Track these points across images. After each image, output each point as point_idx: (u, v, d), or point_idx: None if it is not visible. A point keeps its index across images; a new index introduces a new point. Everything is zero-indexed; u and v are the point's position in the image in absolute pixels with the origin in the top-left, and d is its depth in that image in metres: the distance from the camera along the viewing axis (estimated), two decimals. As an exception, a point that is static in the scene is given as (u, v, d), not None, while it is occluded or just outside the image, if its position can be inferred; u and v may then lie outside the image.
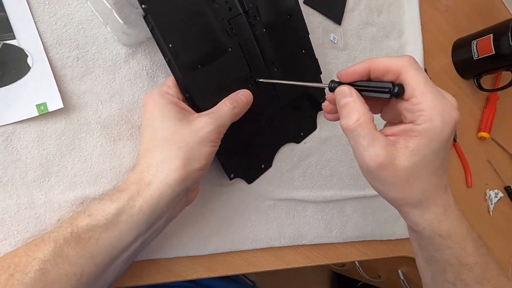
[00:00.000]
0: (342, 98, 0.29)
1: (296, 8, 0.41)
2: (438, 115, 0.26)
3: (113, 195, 0.28)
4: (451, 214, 0.30)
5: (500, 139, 0.73)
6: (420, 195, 0.29)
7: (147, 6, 0.30)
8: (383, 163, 0.27)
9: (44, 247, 0.25)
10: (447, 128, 0.26)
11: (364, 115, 0.27)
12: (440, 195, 0.30)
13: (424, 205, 0.29)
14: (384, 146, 0.27)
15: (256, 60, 0.38)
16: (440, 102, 0.26)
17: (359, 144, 0.27)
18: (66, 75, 0.33)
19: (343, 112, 0.28)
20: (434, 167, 0.28)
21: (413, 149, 0.27)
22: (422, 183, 0.28)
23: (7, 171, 0.31)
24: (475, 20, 0.73)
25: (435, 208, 0.29)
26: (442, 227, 0.30)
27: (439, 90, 0.28)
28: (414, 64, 0.27)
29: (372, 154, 0.27)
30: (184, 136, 0.30)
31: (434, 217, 0.30)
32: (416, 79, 0.27)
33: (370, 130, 0.27)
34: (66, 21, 0.34)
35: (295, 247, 0.46)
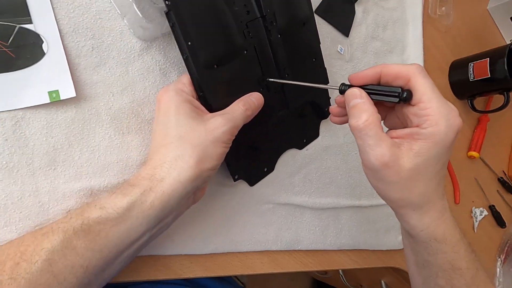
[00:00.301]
0: (352, 99, 0.30)
1: (311, 17, 0.42)
2: (443, 120, 0.28)
3: (125, 189, 0.28)
4: (447, 219, 0.32)
5: (488, 159, 0.76)
6: (420, 197, 0.30)
7: (171, 3, 0.30)
8: (387, 163, 0.28)
9: (52, 237, 0.25)
10: (451, 133, 0.28)
11: (372, 116, 0.28)
12: (438, 200, 0.31)
13: (424, 208, 0.30)
14: (390, 146, 0.28)
15: (269, 64, 0.39)
16: (446, 108, 0.28)
17: (366, 143, 0.29)
18: (80, 64, 0.33)
19: (352, 112, 0.29)
20: (435, 171, 0.29)
21: (417, 151, 0.28)
22: (422, 186, 0.29)
23: (14, 157, 0.30)
24: (471, 44, 0.75)
25: (433, 212, 0.31)
26: (438, 231, 0.31)
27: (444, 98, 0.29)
28: (423, 72, 0.29)
29: (378, 154, 0.28)
30: (199, 135, 0.30)
31: (431, 220, 0.31)
32: (424, 86, 0.28)
33: (378, 131, 0.28)
34: (84, 10, 0.33)
35: (291, 252, 0.47)
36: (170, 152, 0.29)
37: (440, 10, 0.67)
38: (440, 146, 0.28)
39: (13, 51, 0.30)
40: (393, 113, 0.33)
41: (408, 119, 0.30)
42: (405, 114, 0.30)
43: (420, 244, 0.33)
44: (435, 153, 0.28)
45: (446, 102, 0.29)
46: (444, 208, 0.31)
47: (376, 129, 0.28)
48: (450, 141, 0.28)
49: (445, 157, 0.29)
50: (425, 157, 0.28)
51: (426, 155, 0.28)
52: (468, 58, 0.69)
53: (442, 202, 0.31)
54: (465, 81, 0.68)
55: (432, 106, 0.28)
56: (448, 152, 0.29)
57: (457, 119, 0.28)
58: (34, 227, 0.30)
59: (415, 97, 0.28)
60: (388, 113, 0.34)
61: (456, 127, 0.28)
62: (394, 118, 0.33)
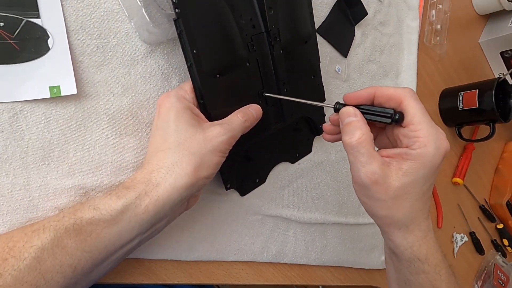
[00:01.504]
0: (346, 117, 0.31)
1: (313, 35, 0.43)
2: (432, 142, 0.29)
3: (120, 191, 0.28)
4: (430, 239, 0.33)
5: (471, 187, 0.78)
6: (406, 216, 0.31)
7: (180, 11, 0.31)
8: (377, 180, 0.29)
9: (43, 234, 0.25)
10: (438, 155, 0.29)
11: (366, 134, 0.29)
12: (423, 220, 0.32)
13: (409, 228, 0.31)
14: (380, 164, 0.29)
15: (270, 78, 0.39)
16: (434, 131, 0.29)
17: (357, 160, 0.29)
18: (84, 62, 0.33)
19: (346, 129, 0.30)
20: (421, 191, 0.30)
21: (405, 170, 0.29)
22: (409, 205, 0.30)
23: (8, 149, 0.30)
24: (462, 74, 0.78)
25: (417, 232, 0.32)
26: (421, 250, 0.32)
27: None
28: (415, 95, 0.30)
29: (369, 171, 0.29)
30: (197, 143, 0.30)
31: (415, 240, 0.32)
32: (415, 109, 0.30)
33: (369, 149, 0.29)
34: (92, 9, 0.34)
35: (276, 265, 0.47)
36: (167, 157, 0.29)
37: (434, 40, 0.70)
38: (427, 167, 0.29)
39: (18, 44, 0.30)
40: (384, 133, 0.35)
41: (398, 139, 0.31)
42: (395, 134, 0.32)
43: (403, 263, 0.33)
44: (422, 174, 0.29)
45: (435, 126, 0.30)
46: (428, 228, 0.32)
47: (368, 147, 0.29)
48: (438, 163, 0.29)
49: (432, 178, 0.30)
50: (413, 177, 0.29)
51: (414, 175, 0.29)
52: (458, 88, 0.71)
53: (427, 222, 0.32)
54: (454, 109, 0.70)
55: (421, 128, 0.29)
56: (434, 173, 0.30)
57: (445, 142, 0.30)
58: (23, 222, 0.30)
59: (406, 119, 0.30)
60: (379, 133, 0.35)
61: (444, 150, 0.29)
62: (384, 139, 0.35)
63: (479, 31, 0.85)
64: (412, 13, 0.64)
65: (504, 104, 0.69)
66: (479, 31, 0.85)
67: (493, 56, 0.84)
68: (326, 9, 0.52)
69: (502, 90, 0.69)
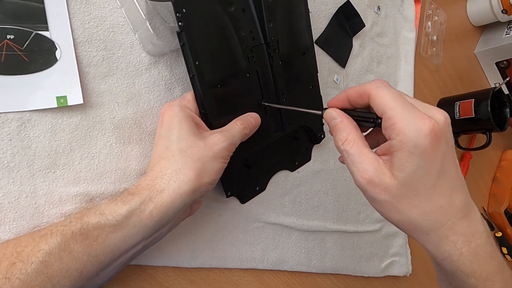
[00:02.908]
0: (330, 121, 0.30)
1: (311, 47, 0.44)
2: (409, 126, 0.25)
3: (125, 197, 0.29)
4: (477, 247, 0.27)
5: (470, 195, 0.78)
6: (424, 217, 0.27)
7: (183, 24, 0.32)
8: (371, 179, 0.27)
9: (51, 239, 0.25)
10: (423, 137, 0.25)
11: (351, 134, 0.28)
12: (457, 221, 0.26)
13: (439, 232, 0.27)
14: (372, 162, 0.27)
15: (269, 88, 0.41)
16: (409, 113, 0.26)
17: (349, 161, 0.28)
18: (90, 72, 0.34)
19: (334, 133, 0.30)
20: (429, 184, 0.26)
21: (397, 164, 0.26)
22: (420, 203, 0.26)
23: (16, 157, 0.31)
24: (458, 83, 0.80)
25: (454, 237, 0.27)
26: (464, 261, 0.27)
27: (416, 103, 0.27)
28: (383, 84, 0.28)
29: (360, 170, 0.27)
30: (199, 150, 0.31)
31: (453, 248, 0.27)
32: (385, 97, 0.27)
33: (359, 147, 0.28)
34: (99, 22, 0.35)
35: (276, 272, 0.47)
36: (171, 164, 0.30)
37: (431, 50, 0.72)
38: (417, 154, 0.25)
39: (27, 55, 0.31)
40: (373, 133, 0.33)
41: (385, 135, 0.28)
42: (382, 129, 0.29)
43: (448, 276, 0.29)
44: (416, 163, 0.26)
45: (412, 107, 0.26)
46: (471, 231, 0.27)
47: (357, 146, 0.28)
48: (426, 147, 0.25)
49: (434, 165, 0.26)
50: (408, 170, 0.26)
51: (409, 168, 0.26)
52: (455, 97, 0.73)
53: (467, 223, 0.27)
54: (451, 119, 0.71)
55: (394, 114, 0.26)
56: (433, 159, 0.26)
57: (425, 121, 0.25)
58: (29, 228, 0.30)
59: (378, 111, 0.27)
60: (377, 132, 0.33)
61: (427, 129, 0.25)
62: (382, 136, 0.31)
63: (474, 42, 0.86)
64: (408, 25, 0.66)
65: (500, 113, 0.70)
66: (474, 42, 0.86)
67: (489, 66, 0.86)
68: (324, 21, 0.54)
69: (498, 100, 0.70)
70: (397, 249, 0.62)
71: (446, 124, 0.27)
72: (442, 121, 0.26)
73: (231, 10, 0.36)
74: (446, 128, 0.26)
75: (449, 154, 0.26)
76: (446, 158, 0.26)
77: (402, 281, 0.63)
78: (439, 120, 0.26)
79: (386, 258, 0.61)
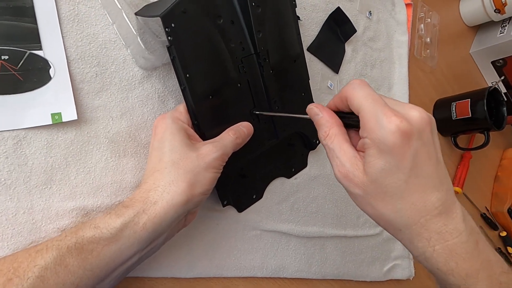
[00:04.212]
0: (313, 117, 0.31)
1: (301, 55, 0.45)
2: (378, 124, 0.25)
3: (119, 210, 0.29)
4: (454, 243, 0.26)
5: (471, 195, 0.78)
6: (394, 214, 0.27)
7: (172, 39, 0.33)
8: (346, 174, 0.28)
9: (46, 254, 0.26)
10: (390, 136, 0.25)
11: (332, 128, 0.29)
12: (432, 218, 0.26)
13: (411, 229, 0.27)
14: (350, 157, 0.28)
15: (261, 97, 0.41)
16: (379, 111, 0.26)
17: (330, 155, 0.29)
18: (84, 89, 0.35)
19: (317, 129, 0.30)
20: (399, 181, 0.26)
21: (368, 161, 0.27)
22: (391, 200, 0.27)
23: (12, 174, 0.31)
24: (455, 84, 0.80)
25: (427, 234, 0.26)
26: (438, 258, 0.27)
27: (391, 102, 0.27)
28: (356, 84, 0.28)
29: (338, 164, 0.28)
30: (191, 161, 0.31)
31: (427, 245, 0.27)
32: (357, 97, 0.27)
33: (339, 142, 0.28)
34: (91, 39, 0.36)
35: (276, 279, 0.47)
36: (164, 176, 0.31)
37: (425, 52, 0.72)
38: (386, 152, 0.25)
39: (22, 75, 0.32)
40: None
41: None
42: None
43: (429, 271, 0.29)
44: (384, 161, 0.26)
45: (383, 106, 0.26)
46: (447, 228, 0.26)
47: (338, 141, 0.28)
48: (394, 145, 0.25)
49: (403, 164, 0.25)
50: (379, 167, 0.26)
51: (379, 165, 0.26)
52: (451, 98, 0.73)
53: (444, 220, 0.26)
54: (448, 119, 0.71)
55: (365, 113, 0.26)
56: (402, 157, 0.25)
57: (391, 119, 0.25)
58: (26, 244, 0.31)
59: (354, 111, 0.28)
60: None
61: (394, 128, 0.25)
62: None
63: (469, 42, 0.87)
64: (401, 28, 0.66)
65: (497, 112, 0.70)
66: (469, 42, 0.87)
67: (485, 66, 0.86)
68: (316, 29, 0.55)
69: (495, 99, 0.70)
70: (399, 252, 0.62)
71: (422, 121, 0.26)
72: (415, 118, 0.26)
73: (220, 22, 0.36)
74: (421, 125, 0.26)
75: (422, 152, 0.26)
76: (420, 155, 0.26)
77: (405, 284, 0.63)
78: (412, 117, 0.26)
79: (388, 262, 0.60)
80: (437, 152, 0.27)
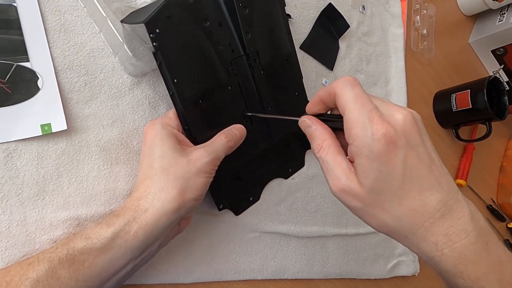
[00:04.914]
0: (306, 129, 0.30)
1: (292, 54, 0.44)
2: (363, 131, 0.25)
3: (110, 219, 0.29)
4: (462, 245, 0.25)
5: (476, 187, 0.77)
6: (397, 222, 0.26)
7: (158, 44, 0.33)
8: (342, 188, 0.27)
9: (38, 266, 0.26)
10: (376, 143, 0.24)
11: (325, 141, 0.28)
12: (436, 221, 0.25)
13: (416, 234, 0.26)
14: (344, 170, 0.26)
15: (253, 99, 0.41)
16: (366, 117, 0.25)
17: (324, 169, 0.28)
18: (73, 98, 0.35)
19: (310, 142, 0.29)
20: (394, 188, 0.25)
21: (360, 171, 0.26)
22: (391, 208, 0.26)
23: (4, 187, 0.31)
24: (455, 75, 0.79)
25: (433, 238, 0.26)
26: (447, 261, 0.26)
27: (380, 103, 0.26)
28: (347, 82, 0.26)
29: (333, 178, 0.27)
30: (182, 167, 0.31)
31: (435, 249, 0.26)
32: (345, 97, 0.26)
33: (332, 155, 0.27)
34: (79, 48, 0.36)
35: (277, 281, 0.47)
36: (154, 183, 0.31)
37: (422, 45, 0.71)
38: (374, 160, 0.25)
39: (10, 87, 0.32)
40: None
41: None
42: None
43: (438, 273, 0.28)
44: (376, 169, 0.25)
45: (370, 110, 0.25)
46: (455, 232, 0.25)
47: (331, 153, 0.27)
48: (381, 152, 0.24)
49: (394, 170, 0.25)
50: (371, 176, 0.25)
51: (371, 174, 0.25)
52: (450, 89, 0.72)
53: (448, 222, 0.25)
54: (448, 111, 0.70)
55: (351, 117, 0.25)
56: (391, 163, 0.25)
57: (378, 126, 0.24)
58: (21, 256, 0.31)
59: (341, 110, 0.26)
60: None
61: (379, 135, 0.24)
62: None
63: (468, 32, 0.85)
64: (395, 21, 0.66)
65: (499, 101, 0.69)
66: (468, 31, 0.85)
67: (485, 55, 0.84)
68: (308, 26, 0.54)
69: (496, 88, 0.69)
70: (403, 248, 0.61)
71: (407, 124, 0.25)
72: (399, 122, 0.25)
73: (206, 25, 0.36)
74: (406, 129, 0.25)
75: (411, 155, 0.25)
76: (409, 159, 0.25)
77: (411, 280, 0.62)
78: (396, 122, 0.25)
79: (392, 259, 0.59)
80: (429, 152, 0.27)
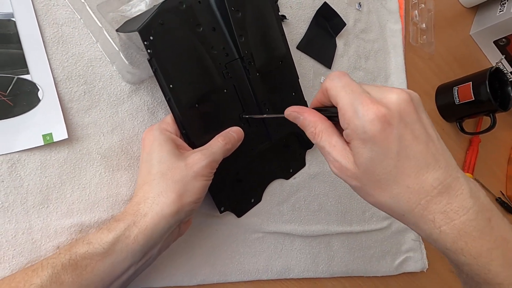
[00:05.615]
0: (295, 121, 0.31)
1: (287, 55, 0.45)
2: (356, 114, 0.25)
3: (111, 224, 0.30)
4: (462, 222, 0.25)
5: (484, 180, 0.76)
6: (393, 200, 0.27)
7: (152, 51, 0.33)
8: (341, 168, 0.28)
9: (42, 272, 0.27)
10: (369, 124, 0.25)
11: (317, 126, 0.29)
12: (433, 199, 0.26)
13: (414, 212, 0.26)
14: (341, 151, 0.28)
15: (249, 101, 0.41)
16: (356, 100, 0.25)
17: (323, 153, 0.29)
18: (73, 107, 0.36)
19: (305, 132, 0.30)
20: (389, 167, 0.26)
21: (355, 152, 0.27)
22: (387, 187, 0.27)
23: (9, 197, 0.32)
24: (457, 68, 0.78)
25: (431, 216, 0.26)
26: (446, 238, 0.26)
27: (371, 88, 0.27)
28: (335, 76, 0.28)
29: (332, 160, 0.28)
30: (180, 171, 0.32)
31: (432, 226, 0.26)
32: (335, 88, 0.27)
33: (327, 137, 0.28)
34: (77, 59, 0.37)
35: (282, 281, 0.47)
36: (153, 188, 0.31)
37: (421, 39, 0.71)
38: (368, 141, 0.25)
39: (11, 100, 0.33)
40: None
41: None
42: None
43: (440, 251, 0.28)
44: (370, 150, 0.26)
45: (361, 94, 0.26)
46: (453, 209, 0.25)
47: (326, 136, 0.28)
48: (375, 132, 0.25)
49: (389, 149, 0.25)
50: (365, 156, 0.26)
51: (365, 155, 0.26)
52: (452, 82, 0.71)
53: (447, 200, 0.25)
54: (451, 105, 0.69)
55: (343, 104, 0.26)
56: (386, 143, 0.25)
57: (369, 106, 0.25)
58: (27, 263, 0.32)
59: (334, 102, 0.27)
60: None
61: (372, 116, 0.25)
62: None
63: (469, 24, 0.84)
64: (393, 17, 0.65)
65: (503, 92, 0.68)
66: (468, 23, 0.84)
67: (488, 46, 0.83)
68: (304, 26, 0.54)
69: (499, 79, 0.68)
70: (410, 244, 0.60)
71: (401, 103, 0.25)
72: (393, 100, 0.25)
73: (200, 30, 0.37)
74: (400, 107, 0.25)
75: (407, 133, 0.25)
76: (405, 137, 0.25)
77: (419, 276, 0.61)
78: (390, 101, 0.25)
79: (399, 255, 0.59)
80: (426, 129, 0.27)
